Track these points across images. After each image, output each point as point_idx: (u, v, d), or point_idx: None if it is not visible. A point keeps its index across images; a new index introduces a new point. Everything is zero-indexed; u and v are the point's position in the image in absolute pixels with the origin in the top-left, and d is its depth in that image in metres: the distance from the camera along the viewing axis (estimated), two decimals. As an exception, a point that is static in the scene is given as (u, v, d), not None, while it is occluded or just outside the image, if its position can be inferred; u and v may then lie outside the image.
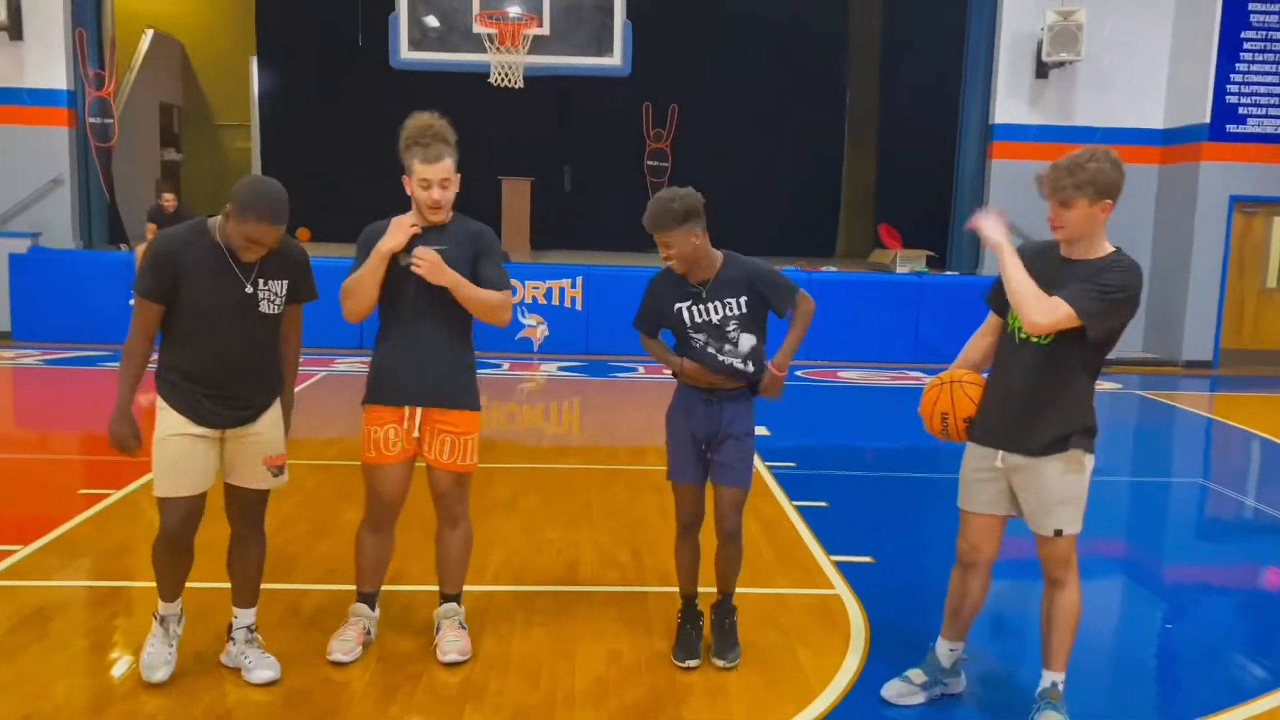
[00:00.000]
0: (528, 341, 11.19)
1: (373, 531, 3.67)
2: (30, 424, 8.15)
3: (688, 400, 3.62)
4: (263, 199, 3.15)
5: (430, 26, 10.50)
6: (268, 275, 3.27)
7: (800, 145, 16.50)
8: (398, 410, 3.52)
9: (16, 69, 11.56)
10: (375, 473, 3.59)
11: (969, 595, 3.42)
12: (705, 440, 3.59)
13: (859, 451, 7.62)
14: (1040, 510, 3.18)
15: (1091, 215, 3.01)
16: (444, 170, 3.42)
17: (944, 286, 11.49)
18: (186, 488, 3.28)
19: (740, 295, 3.51)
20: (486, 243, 3.59)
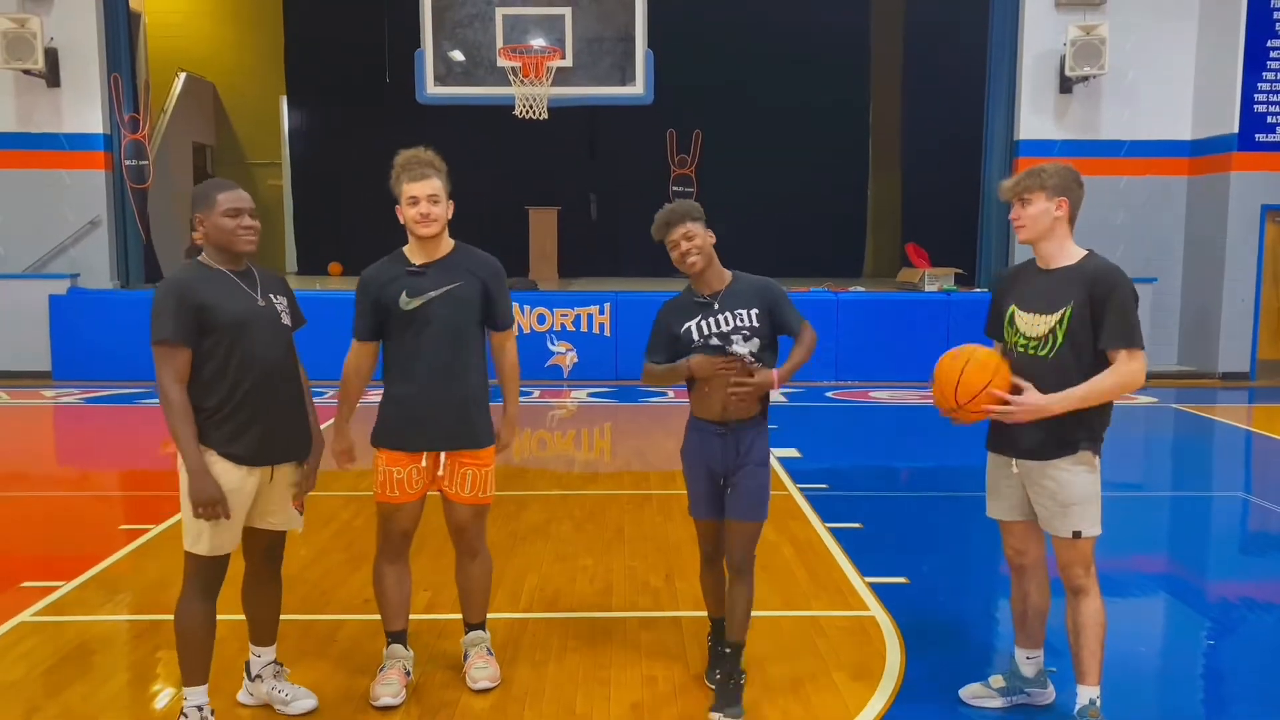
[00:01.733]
0: (557, 369, 11.25)
1: (391, 562, 3.67)
2: (71, 462, 8.29)
3: (701, 434, 3.54)
4: (209, 183, 3.29)
5: (455, 61, 10.66)
6: (270, 291, 3.29)
7: (824, 166, 16.53)
8: (416, 455, 3.54)
9: (54, 115, 11.84)
10: (395, 511, 3.60)
11: (1028, 598, 3.45)
12: (722, 474, 3.50)
13: (891, 472, 7.57)
14: (1056, 513, 3.22)
15: (1047, 212, 3.18)
16: (430, 187, 3.46)
17: (973, 303, 11.41)
18: (231, 543, 3.21)
19: (752, 307, 3.47)
20: (494, 274, 3.59)
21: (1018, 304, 3.28)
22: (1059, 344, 3.15)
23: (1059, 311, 3.15)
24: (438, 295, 3.47)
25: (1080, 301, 3.12)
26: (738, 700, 3.43)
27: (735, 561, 3.48)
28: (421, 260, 3.52)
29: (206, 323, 3.09)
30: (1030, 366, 3.20)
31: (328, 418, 3.71)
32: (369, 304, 3.53)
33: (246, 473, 3.18)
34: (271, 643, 3.53)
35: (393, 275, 3.52)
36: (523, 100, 10.33)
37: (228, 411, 3.14)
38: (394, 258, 3.58)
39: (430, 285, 3.48)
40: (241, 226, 3.19)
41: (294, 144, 17.56)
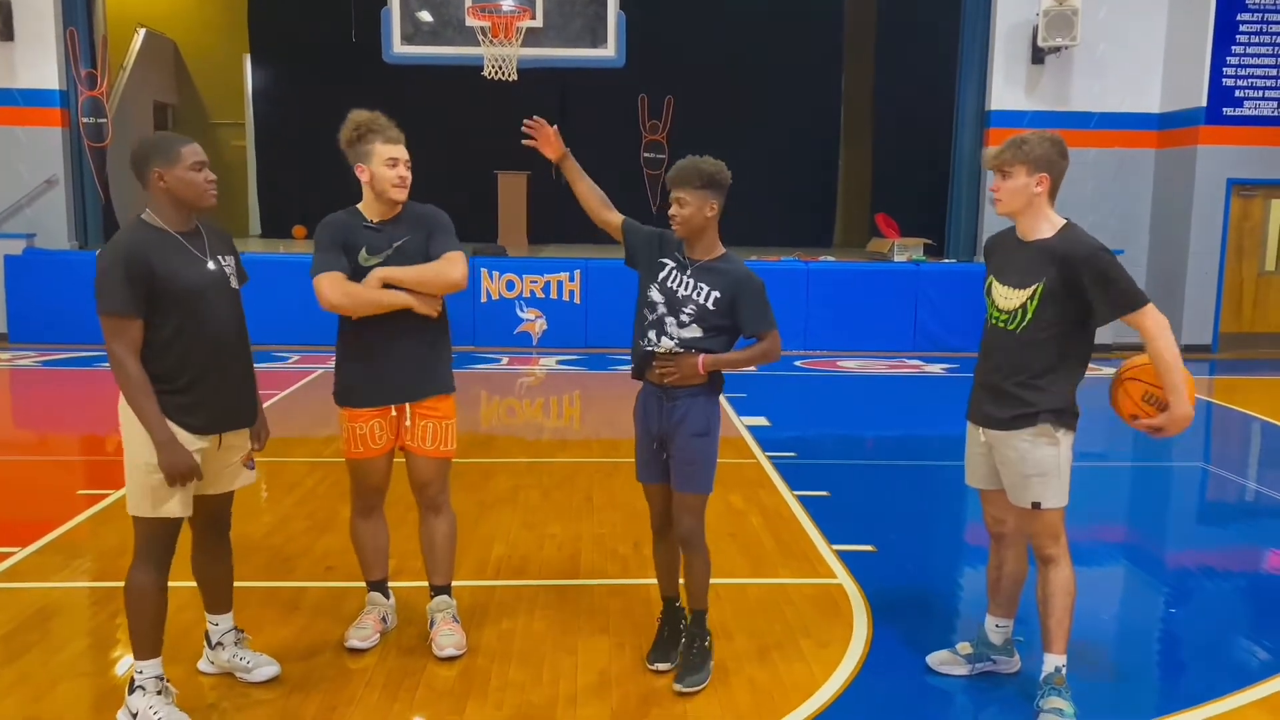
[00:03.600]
0: (526, 336, 11.16)
1: (364, 517, 3.70)
2: (28, 425, 8.13)
3: (645, 395, 3.45)
4: (165, 136, 3.13)
5: (423, 20, 10.45)
6: (219, 251, 3.15)
7: (796, 135, 16.46)
8: (381, 409, 3.54)
9: (8, 70, 11.51)
10: (362, 466, 3.60)
11: (1004, 567, 3.47)
12: (658, 438, 3.41)
13: (859, 441, 7.60)
14: (1016, 483, 3.24)
15: (1026, 187, 3.15)
16: (405, 151, 3.48)
17: (942, 274, 11.47)
18: (183, 507, 3.09)
19: (717, 290, 3.31)
20: (436, 220, 3.57)
21: (995, 275, 3.28)
22: (1028, 319, 3.15)
23: (1030, 287, 3.14)
24: (391, 252, 3.47)
25: (1052, 279, 3.10)
26: (700, 668, 3.42)
27: (681, 533, 3.43)
28: (377, 218, 3.51)
29: (157, 291, 2.94)
30: (1000, 339, 3.22)
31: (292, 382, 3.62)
32: (339, 244, 3.44)
33: (197, 440, 3.08)
34: (228, 610, 3.47)
35: (353, 228, 3.49)
36: (492, 61, 10.16)
37: (181, 382, 3.03)
38: (350, 212, 3.55)
39: (385, 243, 3.47)
40: (206, 180, 3.06)
41: (258, 104, 17.20)
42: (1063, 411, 3.19)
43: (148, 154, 3.03)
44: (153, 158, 3.02)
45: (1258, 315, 12.10)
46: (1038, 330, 3.13)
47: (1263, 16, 11.39)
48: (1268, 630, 4.06)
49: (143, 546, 3.10)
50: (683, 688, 3.37)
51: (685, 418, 3.35)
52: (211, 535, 3.36)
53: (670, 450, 3.39)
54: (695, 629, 3.48)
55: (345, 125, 3.48)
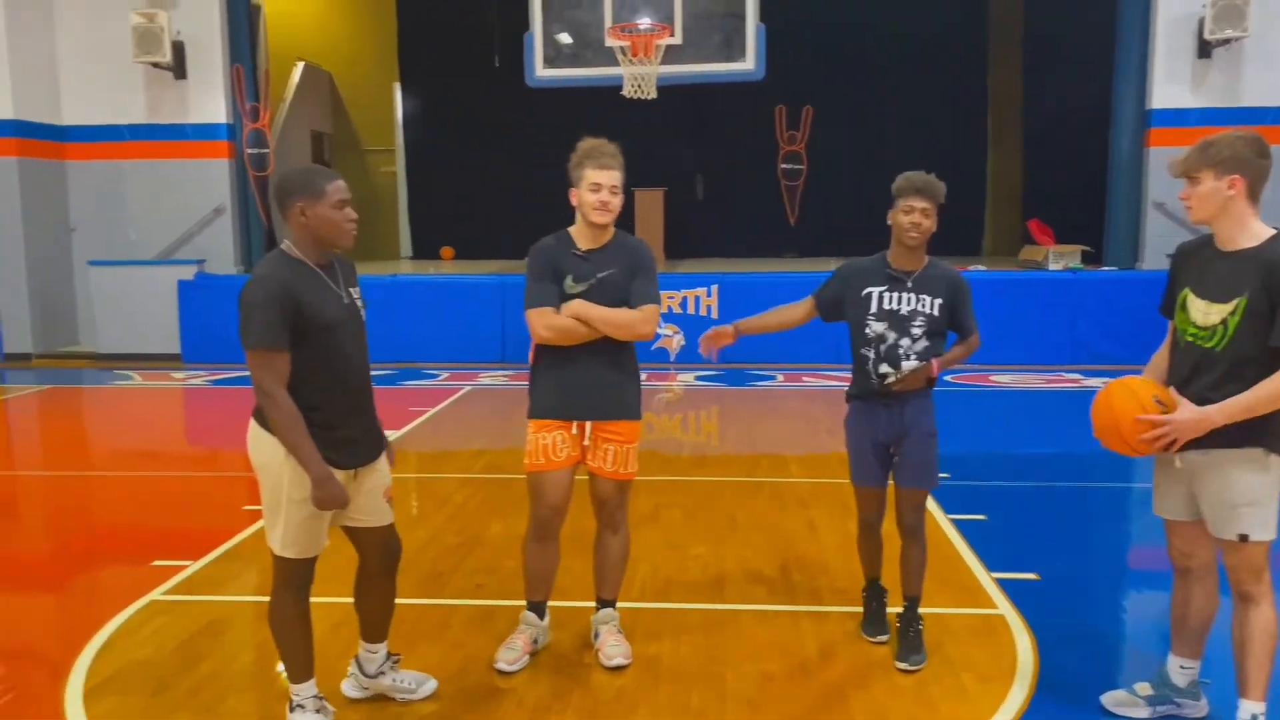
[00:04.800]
0: (664, 352, 11.16)
1: (538, 540, 3.70)
2: (199, 442, 8.61)
3: (866, 405, 3.67)
4: (311, 170, 3.10)
5: (564, 43, 10.61)
6: (350, 283, 3.16)
7: (941, 140, 15.88)
8: (565, 423, 3.59)
9: (180, 107, 12.29)
10: (542, 479, 3.62)
11: (1191, 604, 3.21)
12: (887, 443, 3.66)
13: (1017, 460, 7.25)
14: (1221, 512, 2.96)
15: (1218, 191, 2.90)
16: (613, 177, 3.53)
17: (1101, 283, 10.88)
18: (320, 544, 3.12)
19: (939, 297, 3.59)
20: (641, 258, 3.63)
21: (1192, 288, 3.02)
22: (1229, 336, 2.88)
23: (1233, 301, 2.87)
24: (595, 282, 3.53)
25: (1256, 290, 2.83)
26: (920, 648, 3.66)
27: (908, 525, 3.70)
28: (586, 246, 3.58)
29: (301, 325, 2.93)
30: (1200, 358, 2.94)
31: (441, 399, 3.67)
32: (550, 276, 3.54)
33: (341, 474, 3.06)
34: (384, 639, 3.49)
35: (562, 254, 3.57)
36: (631, 80, 10.22)
37: (321, 417, 3.00)
38: (560, 238, 3.63)
39: (592, 272, 3.54)
40: (349, 220, 3.04)
41: (407, 130, 17.86)
42: (1274, 435, 2.91)
43: (292, 187, 3.01)
44: (297, 192, 2.99)
45: None
46: (1241, 347, 2.86)
47: None
48: None
49: (284, 580, 3.13)
50: (908, 666, 3.60)
51: (917, 420, 3.62)
52: (377, 565, 3.33)
53: (901, 452, 3.65)
54: (911, 613, 3.74)
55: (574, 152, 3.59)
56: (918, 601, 3.77)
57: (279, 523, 3.06)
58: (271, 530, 3.10)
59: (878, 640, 3.84)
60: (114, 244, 12.31)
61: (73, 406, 10.04)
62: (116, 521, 6.01)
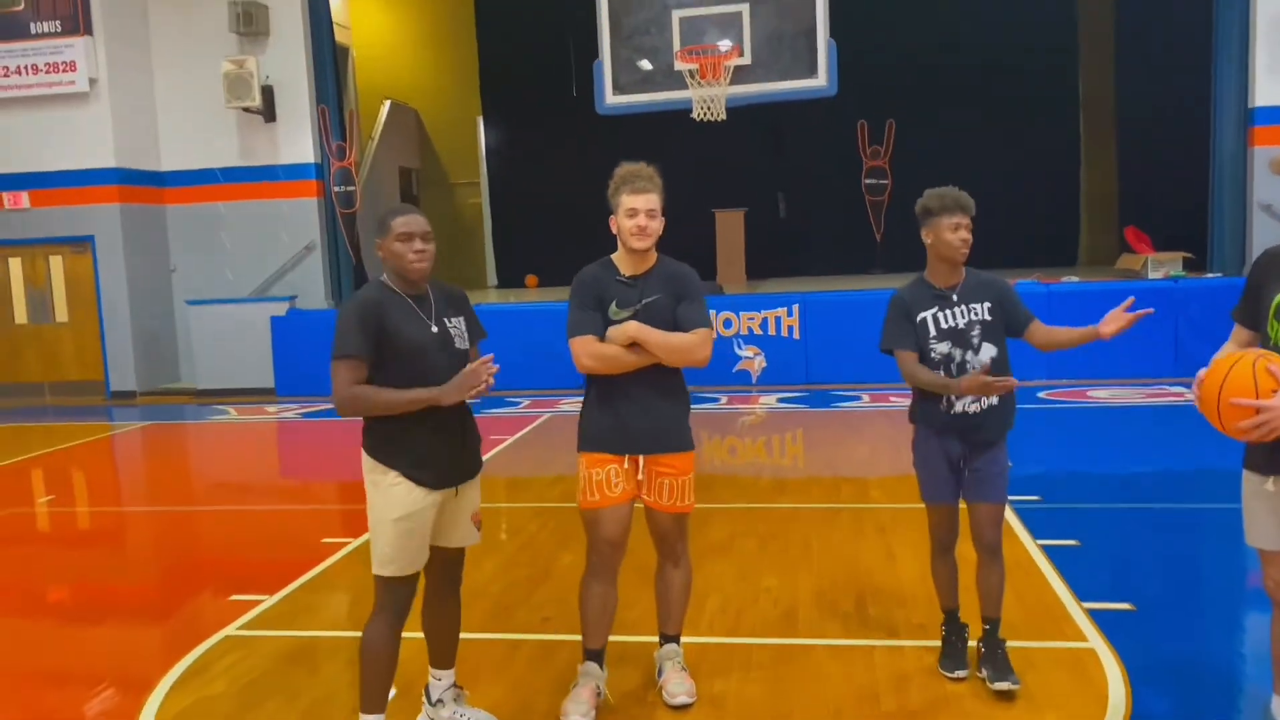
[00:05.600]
0: (745, 374, 11.02)
1: (597, 579, 3.59)
2: (287, 474, 8.81)
3: (938, 424, 3.61)
4: (388, 210, 3.31)
5: (634, 68, 10.64)
6: (446, 314, 3.30)
7: (1030, 148, 15.43)
8: (618, 456, 3.52)
9: (271, 148, 12.73)
10: (599, 515, 3.53)
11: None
12: (961, 457, 3.60)
13: (1114, 481, 6.88)
14: None
15: None
16: (649, 201, 3.47)
17: (1205, 290, 10.34)
18: (420, 560, 3.24)
19: (986, 300, 3.57)
20: (687, 284, 3.55)
21: None
22: None
23: None
24: (641, 307, 3.47)
25: None
26: (1010, 668, 3.57)
27: (987, 542, 3.64)
28: (630, 271, 3.53)
29: (386, 346, 3.13)
30: None
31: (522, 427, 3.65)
32: (594, 303, 3.50)
33: (430, 495, 3.19)
34: (451, 665, 3.52)
35: (604, 282, 3.53)
36: (701, 102, 10.18)
37: (408, 437, 3.16)
38: (604, 265, 3.58)
39: (636, 298, 3.48)
40: (413, 251, 3.19)
41: (491, 162, 18.18)
42: None
43: (376, 226, 3.34)
44: (377, 229, 3.30)
45: None
46: None
47: None
48: None
49: (385, 601, 3.22)
50: (1008, 685, 3.52)
51: (990, 433, 3.59)
52: (444, 588, 3.44)
53: (976, 467, 3.59)
54: (994, 635, 3.66)
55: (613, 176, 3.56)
56: (999, 624, 3.67)
57: (377, 541, 3.20)
58: (373, 550, 3.22)
59: (955, 676, 3.67)
60: (212, 283, 12.79)
61: (171, 442, 10.41)
62: (201, 556, 6.16)
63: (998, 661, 3.62)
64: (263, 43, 12.50)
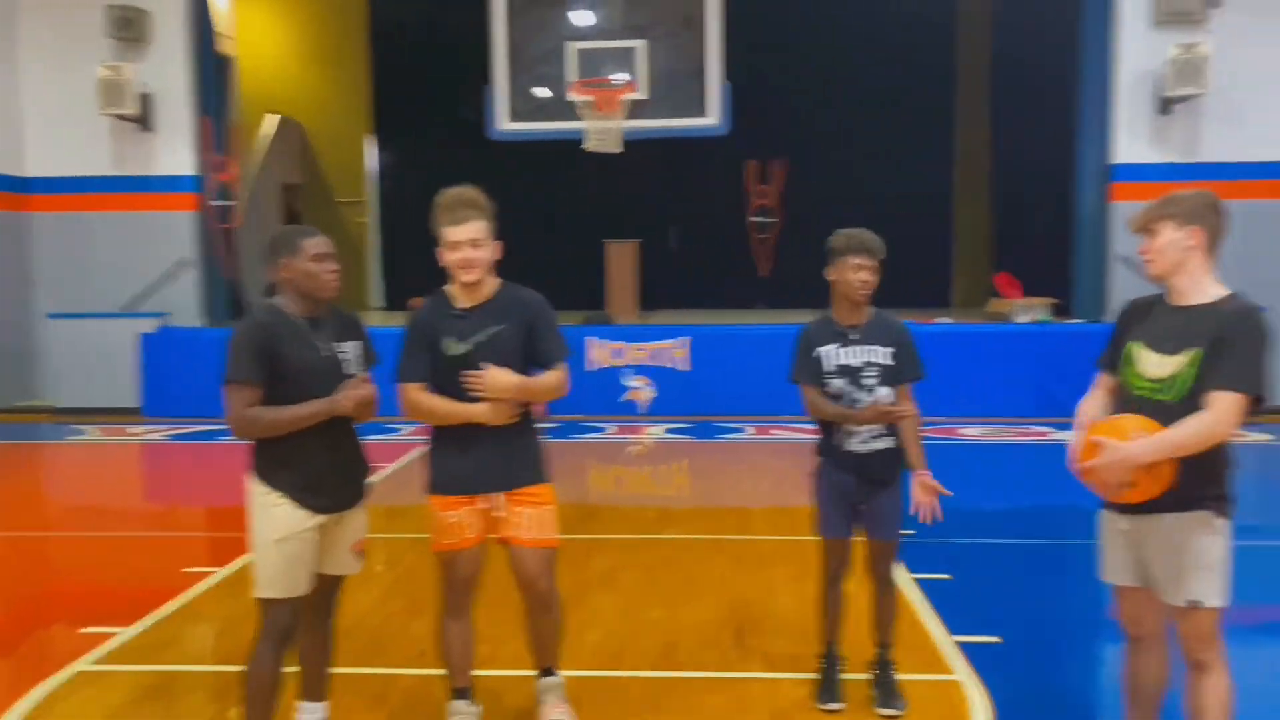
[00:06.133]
0: (633, 404, 11.05)
1: (456, 617, 3.53)
2: (148, 499, 8.38)
3: (836, 459, 3.70)
4: (292, 229, 3.33)
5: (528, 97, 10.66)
6: (340, 338, 3.27)
7: (909, 192, 16.04)
8: (470, 498, 3.40)
9: (147, 158, 12.21)
10: (455, 558, 3.45)
11: (1142, 674, 3.10)
12: (857, 494, 3.68)
13: (985, 516, 7.13)
14: (1171, 578, 2.87)
15: (1177, 242, 2.87)
16: (470, 231, 3.31)
17: (1069, 336, 10.88)
18: (306, 583, 3.20)
19: (889, 346, 3.65)
20: (539, 313, 3.44)
21: (1144, 340, 2.93)
22: (1186, 388, 2.79)
23: (1188, 352, 2.80)
24: (484, 340, 3.34)
25: (1213, 343, 2.77)
26: (899, 694, 3.71)
27: (880, 574, 3.77)
28: (466, 304, 3.38)
29: (275, 371, 3.12)
30: (1153, 412, 2.83)
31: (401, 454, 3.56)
32: (422, 345, 3.38)
33: (315, 519, 3.18)
34: (323, 698, 3.43)
35: (438, 318, 3.39)
36: (595, 134, 10.25)
37: (299, 459, 3.16)
38: (437, 298, 3.45)
39: (474, 330, 3.35)
40: (326, 271, 3.21)
41: (379, 182, 17.89)
42: (1221, 497, 2.85)
43: (275, 245, 3.26)
44: (279, 250, 3.23)
45: None
46: (1194, 402, 2.78)
47: None
48: None
49: (268, 626, 3.17)
50: (892, 711, 3.66)
51: (887, 472, 3.68)
52: (318, 616, 3.38)
53: (871, 504, 3.69)
54: (886, 660, 3.80)
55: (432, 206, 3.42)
56: (890, 649, 3.81)
57: (260, 563, 3.18)
58: (256, 573, 3.19)
59: (830, 709, 3.73)
60: (80, 296, 12.12)
61: (23, 462, 9.80)
62: (52, 585, 5.80)
63: (887, 687, 3.74)
64: (142, 49, 12.00)
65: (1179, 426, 2.75)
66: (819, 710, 3.73)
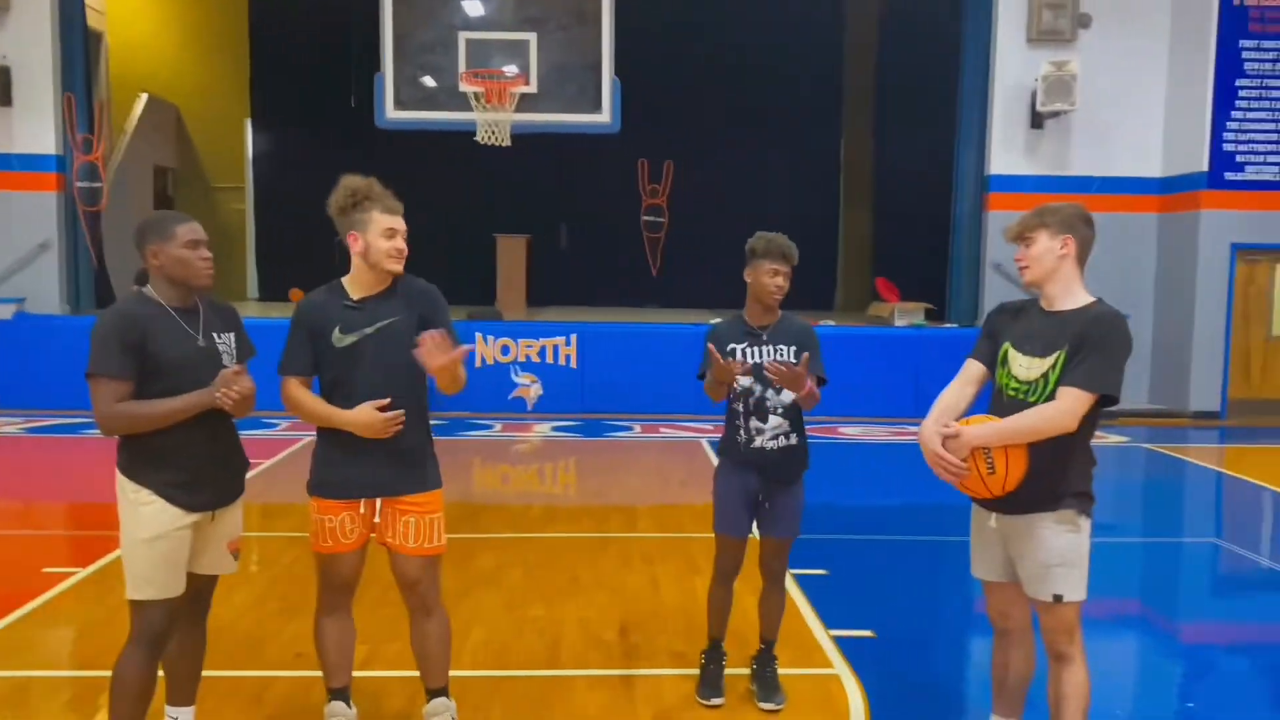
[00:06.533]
0: (521, 401, 10.98)
1: (333, 617, 3.42)
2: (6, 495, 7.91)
3: (738, 461, 3.74)
4: (163, 214, 3.20)
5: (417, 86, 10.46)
6: (216, 328, 3.15)
7: (796, 197, 16.40)
8: (352, 502, 3.30)
9: (5, 135, 11.51)
10: (332, 561, 3.35)
11: (1010, 665, 3.23)
12: (758, 492, 3.73)
13: (861, 513, 7.36)
14: (1036, 574, 3.00)
15: (1052, 250, 3.02)
16: (403, 222, 3.29)
17: (943, 339, 11.30)
18: (179, 585, 3.06)
19: (794, 345, 3.72)
20: (437, 306, 3.38)
21: (1014, 344, 3.06)
22: (1050, 388, 2.93)
23: (1053, 355, 2.94)
24: (372, 331, 3.25)
25: (1074, 345, 2.91)
26: (779, 689, 3.81)
27: (773, 571, 3.84)
28: (360, 294, 3.29)
29: (147, 364, 2.98)
30: (1018, 411, 2.96)
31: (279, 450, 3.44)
32: (305, 337, 3.28)
33: (189, 517, 3.05)
34: (191, 702, 3.29)
35: (328, 309, 3.29)
36: (485, 126, 10.13)
37: (167, 457, 3.02)
38: (331, 289, 3.34)
39: (365, 321, 3.26)
40: (200, 259, 3.08)
41: (258, 168, 17.27)
42: (1084, 495, 3.00)
43: (145, 231, 3.10)
44: (149, 235, 3.07)
45: (1265, 381, 11.87)
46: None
47: (1261, 82, 11.37)
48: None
49: (140, 628, 3.04)
50: (773, 705, 3.74)
51: (788, 470, 3.74)
52: (189, 619, 3.23)
53: (773, 502, 3.74)
54: (769, 655, 3.89)
55: (338, 191, 3.28)
56: (774, 645, 3.89)
57: (130, 563, 3.04)
58: (126, 573, 3.06)
59: (711, 704, 3.78)
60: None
61: None
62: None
63: (767, 681, 3.82)
64: (0, 18, 11.33)
65: (1025, 414, 2.90)
66: (701, 705, 3.77)
